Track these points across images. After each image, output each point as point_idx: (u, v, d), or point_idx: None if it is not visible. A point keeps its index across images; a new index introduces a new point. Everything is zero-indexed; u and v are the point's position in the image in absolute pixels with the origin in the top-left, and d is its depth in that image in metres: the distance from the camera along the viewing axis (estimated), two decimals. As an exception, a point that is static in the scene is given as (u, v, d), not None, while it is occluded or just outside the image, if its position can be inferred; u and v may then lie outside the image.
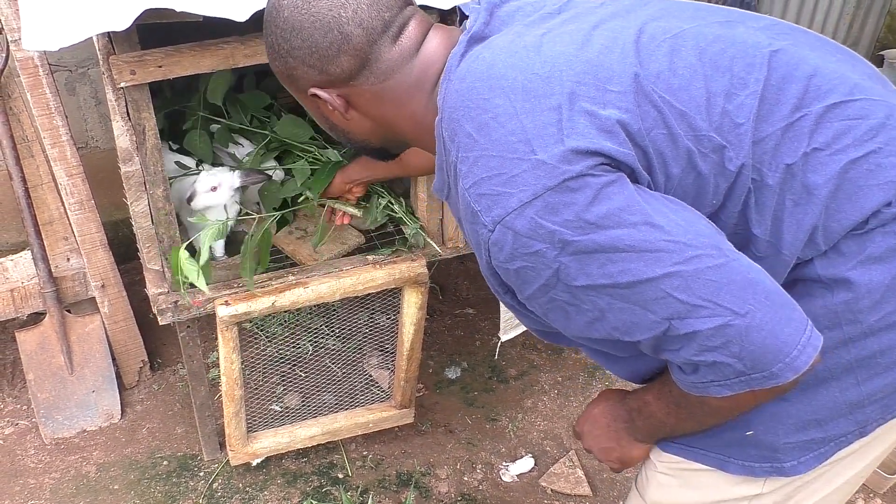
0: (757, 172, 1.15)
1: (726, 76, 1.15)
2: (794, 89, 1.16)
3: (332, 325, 2.67)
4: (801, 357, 1.08)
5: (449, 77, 1.18)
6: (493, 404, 2.71)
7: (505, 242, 1.10)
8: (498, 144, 1.09)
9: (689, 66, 1.15)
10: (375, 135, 1.32)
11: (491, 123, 1.10)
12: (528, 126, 1.09)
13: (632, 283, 1.07)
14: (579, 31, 1.17)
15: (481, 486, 2.47)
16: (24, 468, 2.49)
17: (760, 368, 1.09)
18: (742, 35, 1.20)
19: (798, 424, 1.24)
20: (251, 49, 1.79)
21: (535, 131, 1.08)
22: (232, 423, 2.22)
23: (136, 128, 1.83)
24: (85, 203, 2.44)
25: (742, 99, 1.14)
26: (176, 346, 2.73)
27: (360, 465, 2.51)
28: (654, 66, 1.14)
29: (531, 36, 1.17)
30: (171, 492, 2.42)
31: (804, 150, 1.14)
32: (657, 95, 1.12)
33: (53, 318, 2.51)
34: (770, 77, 1.16)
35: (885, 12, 3.86)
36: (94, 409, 2.60)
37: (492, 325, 2.92)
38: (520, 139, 1.08)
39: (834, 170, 1.14)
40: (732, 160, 1.14)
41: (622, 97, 1.11)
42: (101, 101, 2.99)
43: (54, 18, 1.63)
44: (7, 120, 2.34)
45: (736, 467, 1.30)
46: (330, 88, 1.24)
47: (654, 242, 1.06)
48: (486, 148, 1.10)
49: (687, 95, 1.13)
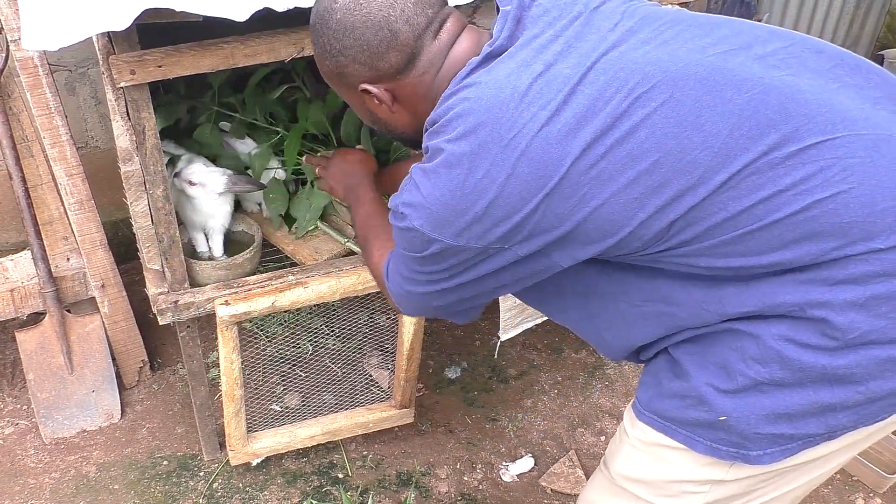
0: (706, 211, 1.20)
1: (686, 130, 1.18)
2: (769, 137, 1.17)
3: (332, 325, 2.67)
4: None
5: (454, 87, 1.27)
6: (493, 404, 2.71)
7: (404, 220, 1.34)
8: (438, 189, 1.24)
9: (651, 128, 1.19)
10: (413, 126, 1.41)
11: (451, 161, 1.22)
12: (467, 187, 1.22)
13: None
14: (570, 80, 1.21)
15: (481, 485, 2.47)
16: (24, 468, 2.49)
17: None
18: (731, 72, 1.21)
19: (769, 416, 1.27)
20: (251, 49, 1.79)
21: (466, 198, 1.22)
22: (232, 423, 2.22)
23: (135, 128, 1.83)
24: (85, 203, 2.44)
25: (695, 155, 1.18)
26: (176, 346, 2.73)
27: (360, 465, 2.51)
28: (613, 137, 1.19)
29: (528, 75, 1.22)
30: (171, 492, 2.42)
31: (764, 195, 1.17)
32: (597, 171, 1.19)
33: (53, 318, 2.51)
34: (738, 126, 1.17)
35: (884, 12, 3.86)
36: (94, 409, 2.60)
37: (492, 325, 2.92)
38: (454, 193, 1.22)
39: (794, 208, 1.17)
40: (663, 217, 1.21)
41: (557, 185, 1.19)
42: (101, 101, 2.99)
43: (54, 18, 1.63)
44: (7, 120, 2.34)
45: (703, 447, 1.34)
46: (378, 84, 1.33)
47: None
48: (435, 177, 1.24)
49: (639, 167, 1.19)
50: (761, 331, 1.24)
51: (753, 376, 1.26)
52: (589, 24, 1.27)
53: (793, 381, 1.25)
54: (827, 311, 1.19)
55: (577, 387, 2.78)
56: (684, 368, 1.33)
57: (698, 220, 1.20)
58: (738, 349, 1.27)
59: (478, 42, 1.34)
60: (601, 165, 1.18)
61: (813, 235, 1.17)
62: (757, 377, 1.26)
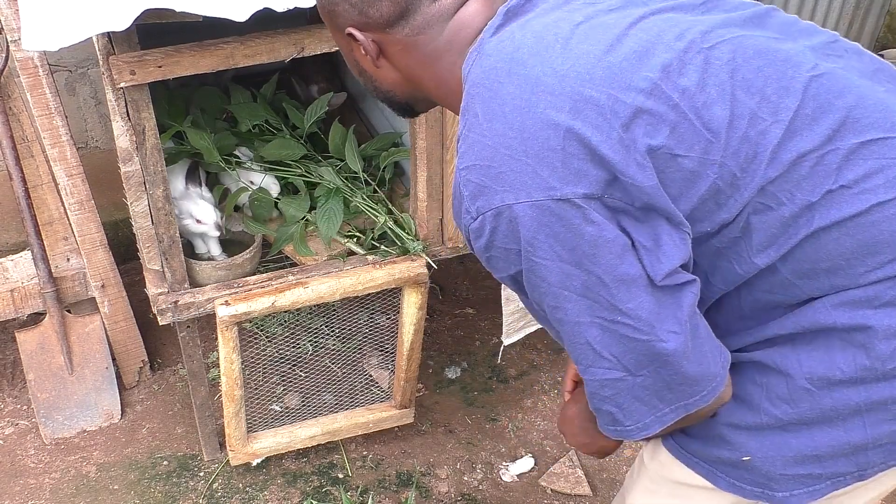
0: (773, 199, 1.11)
1: (755, 98, 1.10)
2: (829, 121, 1.10)
3: (332, 325, 2.67)
4: (666, 416, 1.17)
5: (479, 48, 1.17)
6: (493, 404, 2.71)
7: (483, 233, 1.11)
8: (496, 134, 1.09)
9: (719, 83, 1.10)
10: (401, 88, 1.31)
11: (496, 110, 1.09)
12: (528, 126, 1.07)
13: (562, 319, 1.13)
14: (617, 26, 1.12)
15: (481, 486, 2.47)
16: (24, 468, 2.49)
17: (635, 420, 1.19)
18: (787, 52, 1.14)
19: (797, 458, 1.22)
20: (251, 49, 1.79)
21: (534, 137, 1.07)
22: (232, 423, 2.22)
23: (135, 128, 1.83)
24: (85, 203, 2.44)
25: (766, 126, 1.09)
26: (176, 346, 2.73)
27: (360, 465, 2.51)
28: (683, 81, 1.09)
29: (567, 24, 1.13)
30: (171, 492, 2.42)
31: (829, 187, 1.10)
32: (677, 113, 1.08)
33: (53, 319, 2.51)
34: (803, 105, 1.10)
35: (884, 12, 3.86)
36: (94, 409, 2.60)
37: (492, 325, 2.92)
38: (517, 137, 1.07)
39: (857, 209, 1.09)
40: (737, 195, 1.11)
41: (633, 113, 1.07)
42: (101, 101, 2.99)
43: (54, 18, 1.63)
44: (7, 120, 2.34)
45: (725, 483, 1.29)
46: (366, 32, 1.24)
47: (596, 294, 1.09)
48: (485, 134, 1.10)
49: (709, 115, 1.09)
50: (791, 366, 1.17)
51: (780, 416, 1.20)
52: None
53: (823, 419, 1.18)
54: (869, 336, 1.12)
55: (577, 387, 2.78)
56: None
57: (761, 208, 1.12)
58: (764, 385, 1.20)
59: (491, 5, 1.23)
60: None
61: (870, 245, 1.10)
62: (784, 417, 1.19)
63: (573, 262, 1.07)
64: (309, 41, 1.83)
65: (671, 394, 1.15)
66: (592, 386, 1.17)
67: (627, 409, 1.17)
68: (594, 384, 1.17)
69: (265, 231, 2.28)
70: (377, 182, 2.37)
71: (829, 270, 1.13)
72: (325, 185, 2.30)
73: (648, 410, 1.17)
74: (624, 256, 1.07)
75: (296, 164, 2.37)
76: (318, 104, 2.44)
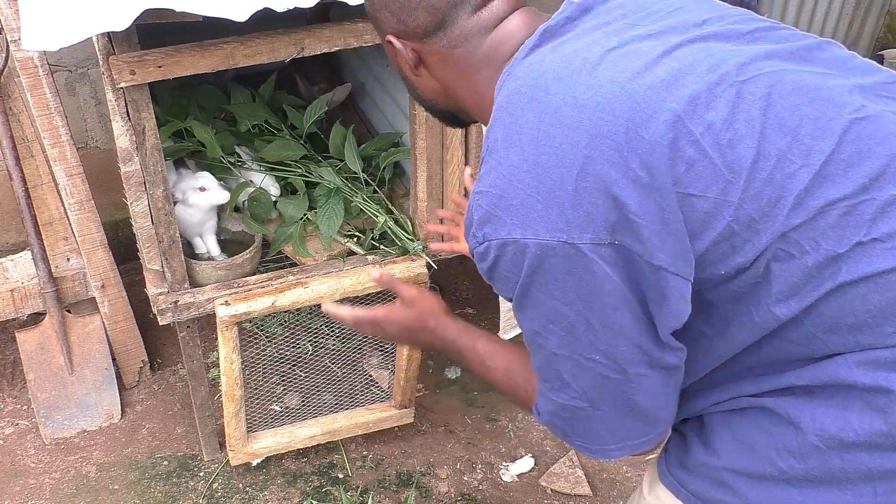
0: (796, 247, 1.05)
1: (786, 138, 1.04)
2: (867, 168, 1.03)
3: (332, 325, 2.67)
4: (612, 453, 1.21)
5: (510, 70, 1.16)
6: (493, 404, 2.71)
7: (487, 258, 1.12)
8: (511, 165, 1.08)
9: (749, 119, 1.04)
10: (441, 98, 1.31)
11: (515, 139, 1.09)
12: (542, 161, 1.05)
13: (541, 346, 1.15)
14: (650, 54, 1.09)
15: (481, 486, 2.47)
16: (24, 468, 2.49)
17: (583, 441, 1.23)
18: (830, 91, 1.07)
19: None
20: (251, 49, 1.79)
21: (547, 174, 1.05)
22: (232, 423, 2.22)
23: (135, 128, 1.83)
24: (85, 203, 2.44)
25: (794, 169, 1.03)
26: (176, 346, 2.73)
27: (360, 465, 2.51)
28: (710, 115, 1.04)
29: (599, 49, 1.10)
30: (171, 492, 2.42)
31: (859, 239, 1.03)
32: (697, 150, 1.04)
33: (53, 319, 2.51)
34: (839, 150, 1.03)
35: (884, 12, 3.86)
36: (94, 409, 2.60)
37: (492, 325, 2.92)
38: (531, 171, 1.06)
39: (889, 265, 1.03)
40: (755, 239, 1.06)
41: (650, 148, 1.03)
42: (101, 101, 2.99)
43: (54, 18, 1.63)
44: (7, 120, 2.34)
45: None
46: (405, 40, 1.24)
47: (581, 334, 1.11)
48: (501, 162, 1.09)
49: (732, 154, 1.03)
50: (803, 419, 1.12)
51: (785, 469, 1.14)
52: (672, 16, 1.17)
53: (831, 480, 1.12)
54: (890, 400, 1.05)
55: (577, 387, 2.77)
56: (712, 442, 1.22)
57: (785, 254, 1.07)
58: (773, 435, 1.15)
59: (534, 22, 1.20)
60: None
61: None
62: (789, 471, 1.14)
63: (567, 302, 1.08)
64: (309, 41, 1.83)
65: (623, 432, 1.19)
66: (552, 405, 1.20)
67: (580, 431, 1.21)
68: (555, 405, 1.20)
69: (265, 231, 2.28)
70: (377, 182, 2.37)
71: (853, 327, 1.07)
72: (325, 185, 2.30)
73: (597, 439, 1.21)
74: (620, 308, 1.07)
75: (296, 164, 2.37)
76: (317, 104, 2.44)
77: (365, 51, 2.20)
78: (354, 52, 2.64)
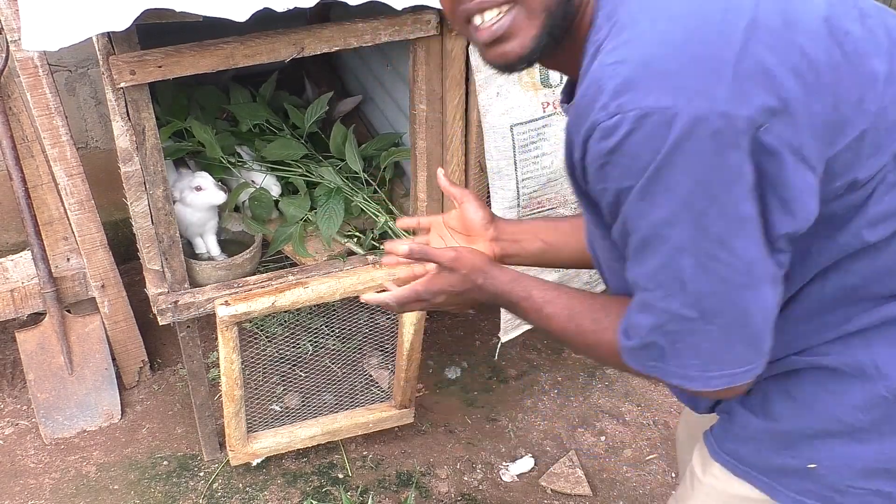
0: None
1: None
2: None
3: (332, 325, 2.67)
4: (713, 381, 1.08)
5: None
6: (493, 404, 2.71)
7: (615, 133, 0.99)
8: (661, 33, 0.99)
9: (877, 39, 1.05)
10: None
11: (660, 14, 1.01)
12: (701, 29, 0.98)
13: (662, 240, 1.03)
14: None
15: (481, 486, 2.47)
16: (24, 468, 2.49)
17: (681, 366, 1.09)
18: None
19: (867, 470, 1.14)
20: (251, 49, 1.79)
21: (707, 41, 0.97)
22: (232, 423, 2.22)
23: (135, 128, 1.83)
24: (85, 203, 2.44)
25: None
26: (176, 346, 2.73)
27: (360, 465, 2.51)
28: (847, 25, 1.04)
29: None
30: (171, 492, 2.42)
31: None
32: (842, 53, 1.02)
33: (53, 318, 2.51)
34: None
35: (885, 12, 3.86)
36: (94, 409, 2.60)
37: (492, 325, 2.92)
38: (688, 38, 0.98)
39: None
40: (878, 155, 1.05)
41: (809, 40, 1.00)
42: (101, 101, 2.99)
43: (54, 18, 1.63)
44: (7, 120, 2.34)
45: (785, 497, 1.21)
46: None
47: (710, 223, 1.00)
48: (645, 31, 1.00)
49: (870, 66, 1.04)
50: (869, 365, 1.10)
51: (852, 422, 1.13)
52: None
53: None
54: None
55: (577, 387, 2.77)
56: (769, 407, 1.19)
57: None
58: (837, 394, 1.13)
59: None
60: None
61: None
62: (856, 424, 1.12)
63: (705, 183, 0.97)
64: (309, 41, 1.83)
65: (728, 357, 1.07)
66: (661, 317, 1.06)
67: (679, 353, 1.08)
68: (664, 316, 1.06)
69: (265, 231, 2.28)
70: (377, 182, 2.37)
71: None
72: (325, 185, 2.30)
73: (698, 365, 1.08)
74: (750, 196, 0.98)
75: (296, 163, 2.37)
76: (317, 104, 2.44)
77: (365, 51, 2.20)
78: (355, 53, 2.64)
